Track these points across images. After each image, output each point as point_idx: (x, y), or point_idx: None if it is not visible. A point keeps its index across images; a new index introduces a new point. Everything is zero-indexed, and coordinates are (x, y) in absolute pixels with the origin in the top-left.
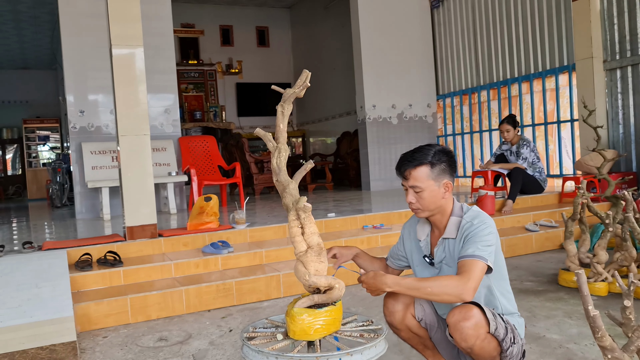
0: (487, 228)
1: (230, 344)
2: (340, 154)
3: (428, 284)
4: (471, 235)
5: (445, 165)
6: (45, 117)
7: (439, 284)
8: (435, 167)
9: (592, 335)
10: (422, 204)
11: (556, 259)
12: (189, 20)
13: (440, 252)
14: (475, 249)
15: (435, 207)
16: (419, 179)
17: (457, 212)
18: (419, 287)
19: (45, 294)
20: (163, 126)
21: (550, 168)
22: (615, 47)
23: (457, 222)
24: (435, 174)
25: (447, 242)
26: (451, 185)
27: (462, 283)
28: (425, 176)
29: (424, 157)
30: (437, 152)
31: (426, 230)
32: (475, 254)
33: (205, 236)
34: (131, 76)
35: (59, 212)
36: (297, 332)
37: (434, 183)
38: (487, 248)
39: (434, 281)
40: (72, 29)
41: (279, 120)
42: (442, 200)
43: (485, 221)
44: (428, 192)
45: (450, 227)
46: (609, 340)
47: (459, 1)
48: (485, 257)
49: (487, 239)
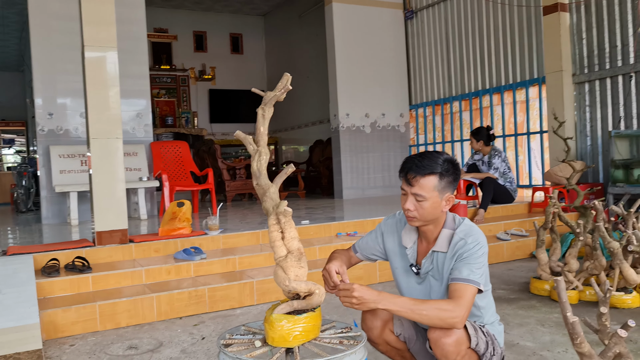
0: (480, 249)
1: (203, 352)
2: (313, 162)
3: (423, 307)
4: (465, 256)
5: (451, 179)
6: (10, 120)
7: (434, 310)
8: (443, 179)
9: (564, 342)
10: (421, 213)
11: (527, 267)
12: (163, 25)
13: (427, 264)
14: (470, 272)
15: (432, 218)
16: (425, 189)
17: (450, 224)
18: (413, 310)
19: (9, 300)
20: (134, 130)
21: (519, 178)
22: (584, 61)
23: (449, 235)
24: (442, 187)
25: (437, 255)
26: (453, 200)
27: (456, 313)
28: (432, 187)
29: (434, 166)
30: (445, 162)
31: (413, 237)
32: (469, 278)
33: (178, 242)
34: (104, 79)
35: (24, 217)
36: (276, 338)
37: (438, 195)
38: (480, 270)
39: (428, 305)
40: (42, 31)
41: (259, 123)
42: (440, 213)
43: (478, 240)
44: (430, 203)
45: (442, 241)
46: (588, 347)
47: (432, 13)
48: (478, 280)
49: (480, 260)
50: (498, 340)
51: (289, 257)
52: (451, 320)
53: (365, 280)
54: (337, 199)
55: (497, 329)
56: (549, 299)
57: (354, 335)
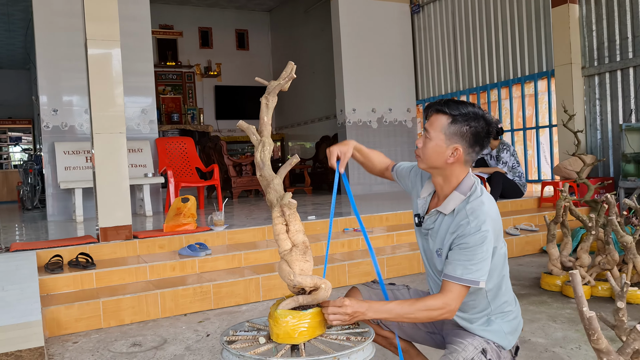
0: (482, 237)
1: (208, 349)
2: (319, 158)
3: (411, 311)
4: (463, 246)
5: (467, 130)
6: (17, 118)
7: (422, 312)
8: (454, 124)
9: (577, 339)
10: (424, 152)
11: (537, 262)
12: (168, 21)
13: (430, 222)
14: (464, 270)
15: (435, 164)
16: (433, 126)
17: (464, 189)
18: (402, 315)
19: (11, 297)
20: (139, 126)
21: (528, 173)
22: (594, 53)
23: (458, 200)
24: (451, 132)
25: (439, 216)
26: (461, 154)
27: (446, 310)
28: (440, 127)
29: (453, 108)
30: (467, 113)
31: (430, 190)
32: (463, 277)
33: (182, 238)
34: (107, 73)
35: (30, 214)
36: (281, 335)
37: (444, 139)
38: (478, 265)
39: (416, 308)
40: (46, 28)
41: (263, 112)
42: (445, 164)
43: (481, 227)
44: (433, 144)
45: (448, 202)
46: (605, 343)
47: (439, 7)
48: (474, 279)
49: (479, 253)
50: (508, 337)
51: (294, 250)
52: (442, 317)
53: (373, 276)
54: (343, 195)
55: (506, 325)
56: (561, 295)
57: (362, 331)
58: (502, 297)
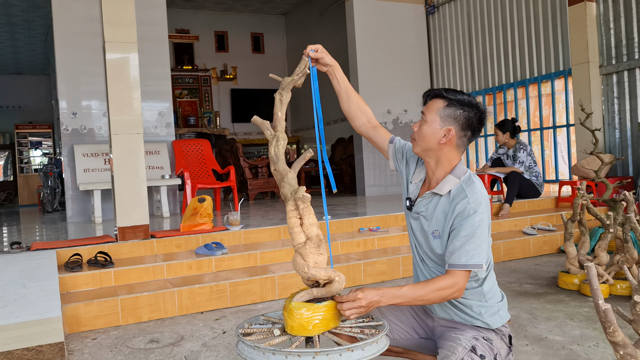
0: (480, 221)
1: (224, 346)
2: (335, 161)
3: (423, 293)
4: (462, 226)
5: (461, 114)
6: (37, 123)
7: (434, 293)
8: (449, 108)
9: (595, 337)
10: (419, 134)
11: (554, 262)
12: (184, 25)
13: (422, 205)
14: (467, 256)
15: (428, 146)
16: (429, 109)
17: (459, 173)
18: (415, 299)
19: (32, 294)
20: (157, 129)
21: (546, 173)
22: (612, 51)
23: (453, 182)
24: (445, 114)
25: (434, 198)
26: (453, 136)
27: (455, 289)
28: (435, 109)
29: (450, 94)
30: (462, 100)
31: (421, 175)
32: (468, 263)
33: (199, 237)
34: (124, 77)
35: (50, 216)
36: (295, 327)
37: (439, 121)
38: (478, 248)
39: (428, 290)
40: (65, 33)
41: (277, 108)
42: (438, 146)
43: (477, 210)
44: (428, 125)
45: (444, 184)
46: (621, 336)
47: (454, 7)
48: (476, 262)
49: (478, 238)
50: (501, 314)
51: (308, 243)
52: (452, 296)
53: (389, 276)
54: (359, 196)
55: (502, 302)
56: (578, 293)
57: (376, 324)
58: (491, 278)
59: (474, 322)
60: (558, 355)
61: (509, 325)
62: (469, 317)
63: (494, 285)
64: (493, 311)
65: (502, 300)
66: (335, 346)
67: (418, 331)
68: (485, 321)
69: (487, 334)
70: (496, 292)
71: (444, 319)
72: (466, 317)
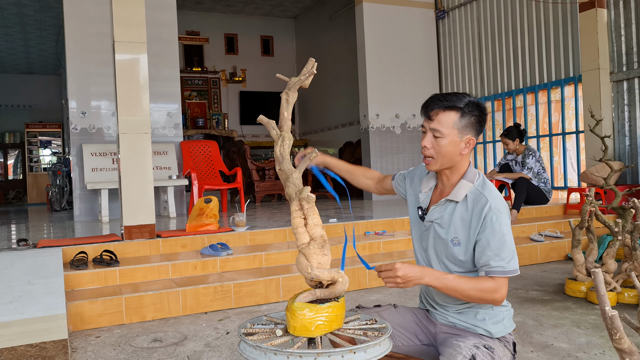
0: (507, 225)
1: (227, 346)
2: None
3: (465, 288)
4: (493, 236)
5: (475, 120)
6: (47, 122)
7: (475, 291)
8: (464, 117)
9: (602, 345)
10: (438, 151)
11: (562, 269)
12: (194, 27)
13: (436, 213)
14: (504, 262)
15: (450, 160)
16: (443, 123)
17: (471, 177)
18: (456, 290)
19: (37, 291)
20: (165, 130)
21: (554, 180)
22: (623, 58)
23: (467, 187)
24: (462, 125)
25: (449, 205)
26: (473, 143)
27: (499, 294)
28: (452, 123)
29: (457, 101)
30: (471, 103)
31: (430, 184)
32: (506, 269)
33: (205, 238)
34: (134, 77)
35: (58, 215)
36: (298, 327)
37: (457, 133)
38: (512, 253)
39: (469, 286)
40: (76, 34)
41: (283, 107)
42: (459, 157)
43: (501, 213)
44: (448, 140)
45: (458, 190)
46: (628, 343)
47: (464, 12)
48: (514, 268)
49: (508, 242)
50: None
51: (312, 244)
52: (492, 299)
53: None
54: (366, 200)
55: (508, 311)
56: (585, 301)
57: (379, 327)
58: None
59: (477, 330)
60: None
61: (514, 333)
62: (472, 325)
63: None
64: (497, 319)
65: (508, 309)
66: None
67: (420, 337)
68: (488, 329)
69: (489, 342)
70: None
71: (447, 325)
72: (469, 325)
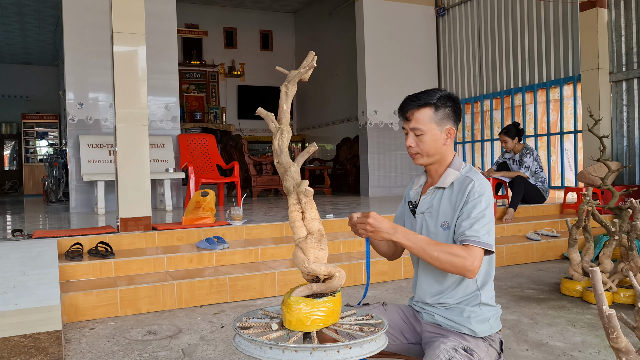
0: (489, 204)
1: (222, 340)
2: (340, 160)
3: (435, 248)
4: (473, 210)
5: (450, 110)
6: (44, 113)
7: (446, 253)
8: (439, 111)
9: (597, 344)
10: (422, 148)
11: (558, 268)
12: (193, 20)
13: (426, 202)
14: (479, 234)
15: (435, 152)
16: (420, 121)
17: (457, 166)
18: (425, 249)
19: (32, 282)
20: (162, 123)
21: (552, 179)
22: (622, 59)
23: (454, 175)
24: (439, 118)
25: (437, 192)
26: (454, 132)
27: (469, 262)
28: (428, 118)
29: (429, 98)
30: (442, 96)
31: (421, 181)
32: (480, 240)
33: (201, 231)
34: (132, 69)
35: (54, 206)
36: (294, 322)
37: (436, 127)
38: (487, 228)
39: (441, 247)
40: (75, 24)
41: (282, 100)
42: (443, 147)
43: (484, 192)
44: (429, 135)
45: (445, 177)
46: (625, 342)
47: (465, 10)
48: (488, 242)
49: (487, 218)
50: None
51: (309, 238)
52: (462, 266)
53: (390, 276)
54: (363, 197)
55: (495, 311)
56: (581, 300)
57: (375, 322)
58: (491, 286)
59: (461, 329)
60: None
61: (501, 332)
62: (457, 324)
63: (491, 291)
64: (484, 318)
65: (496, 309)
66: (333, 342)
67: (407, 336)
68: (473, 328)
69: (471, 342)
70: (492, 300)
71: (432, 324)
72: (453, 323)
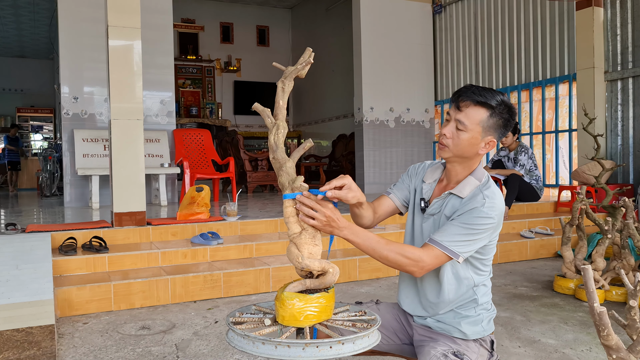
0: (486, 226)
1: (215, 335)
2: (335, 157)
3: (386, 248)
4: (465, 218)
5: (502, 122)
6: (39, 107)
7: (396, 254)
8: (493, 117)
9: (588, 341)
10: (455, 143)
11: (551, 266)
12: (190, 15)
13: (437, 205)
14: (452, 241)
15: (466, 155)
16: (470, 118)
17: (479, 175)
18: (375, 249)
19: (25, 276)
20: (158, 118)
21: (546, 177)
22: (617, 58)
23: (473, 184)
24: (489, 125)
25: (450, 199)
26: (493, 145)
27: (417, 265)
28: (479, 120)
29: (491, 99)
30: (503, 104)
31: (435, 175)
32: (448, 246)
33: (195, 227)
34: (127, 63)
35: (48, 200)
36: (287, 317)
37: (481, 132)
38: (467, 243)
39: (392, 248)
40: (70, 18)
41: (279, 96)
42: (475, 155)
43: (490, 214)
44: (469, 136)
45: (464, 186)
46: (615, 339)
47: (461, 7)
48: (457, 252)
49: (473, 236)
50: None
51: (303, 234)
52: (410, 268)
53: (384, 273)
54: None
55: (489, 314)
56: (573, 298)
57: (368, 318)
58: (488, 289)
59: (452, 332)
60: (550, 359)
61: (493, 333)
62: (448, 326)
63: (488, 294)
64: (476, 320)
65: (490, 311)
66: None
67: (400, 336)
68: (464, 330)
69: (462, 345)
70: (488, 303)
71: (422, 327)
72: (444, 325)
